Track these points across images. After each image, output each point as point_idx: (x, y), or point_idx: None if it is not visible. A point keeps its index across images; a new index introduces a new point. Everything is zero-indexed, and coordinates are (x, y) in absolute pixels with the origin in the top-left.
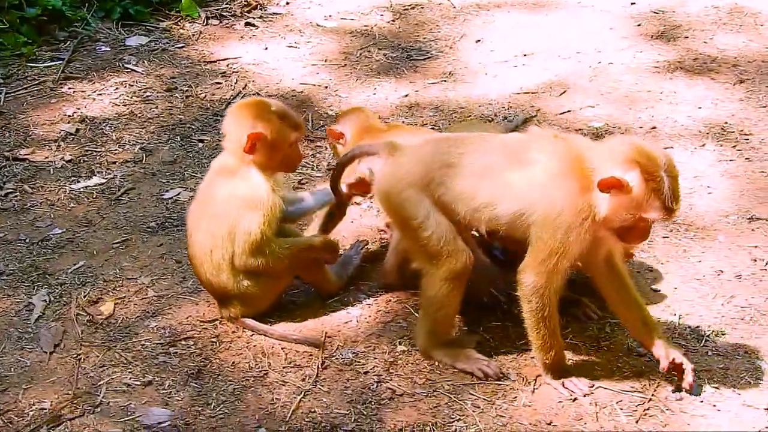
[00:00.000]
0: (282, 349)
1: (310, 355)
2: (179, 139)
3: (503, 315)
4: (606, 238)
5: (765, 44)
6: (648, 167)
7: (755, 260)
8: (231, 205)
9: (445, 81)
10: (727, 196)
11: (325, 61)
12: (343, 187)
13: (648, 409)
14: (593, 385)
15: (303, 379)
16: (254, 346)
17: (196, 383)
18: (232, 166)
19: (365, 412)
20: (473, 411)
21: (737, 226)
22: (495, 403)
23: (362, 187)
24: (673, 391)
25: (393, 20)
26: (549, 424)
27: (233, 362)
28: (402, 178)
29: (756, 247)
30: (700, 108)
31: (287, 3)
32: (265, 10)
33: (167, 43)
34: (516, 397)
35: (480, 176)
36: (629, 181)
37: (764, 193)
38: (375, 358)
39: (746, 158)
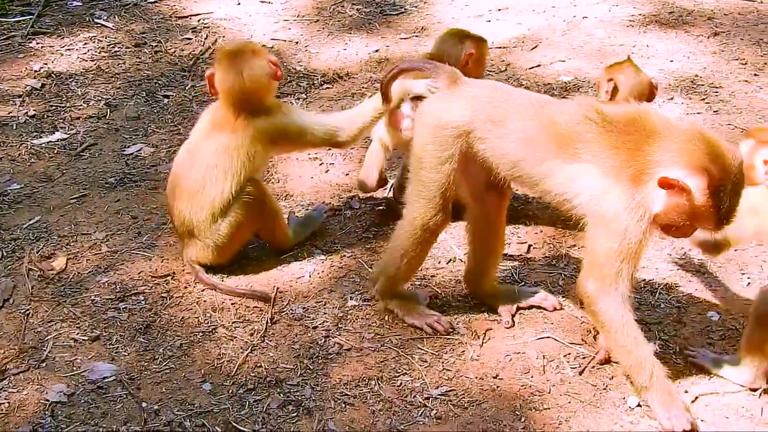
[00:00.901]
0: (232, 304)
1: (260, 310)
2: (145, 95)
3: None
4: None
5: None
6: (717, 179)
7: None
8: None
9: (417, 36)
10: None
11: (298, 16)
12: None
13: (593, 361)
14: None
15: (251, 334)
16: (204, 301)
17: (143, 338)
18: (226, 120)
19: (312, 367)
20: (420, 365)
21: None
22: (442, 357)
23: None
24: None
25: None
26: (495, 377)
27: (182, 318)
28: (446, 118)
29: None
30: (671, 61)
31: None
32: None
33: None
34: (464, 351)
35: (525, 148)
36: (692, 189)
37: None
38: (325, 314)
39: (714, 111)
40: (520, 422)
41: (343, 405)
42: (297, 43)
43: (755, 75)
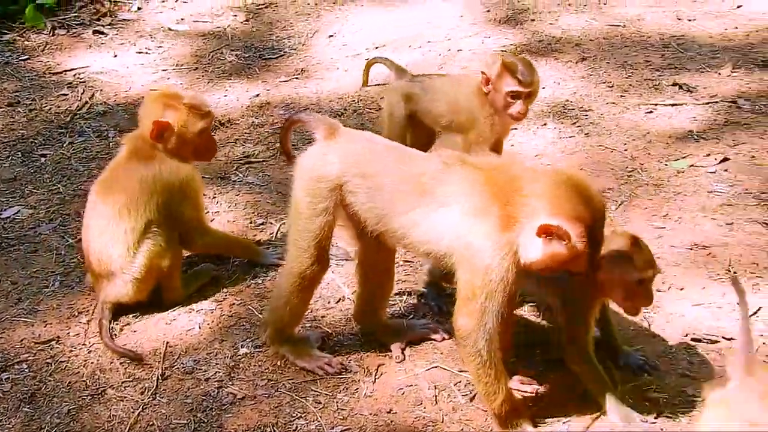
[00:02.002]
0: (121, 364)
1: (150, 367)
2: (20, 155)
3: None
4: None
5: (606, 22)
6: (590, 224)
7: None
8: (152, 188)
9: (297, 78)
10: None
11: (176, 65)
12: None
13: None
14: None
15: (142, 393)
16: (92, 363)
17: (28, 408)
18: (148, 151)
19: (205, 420)
20: (315, 407)
21: None
22: (336, 397)
23: None
24: None
25: (246, 20)
26: (389, 412)
27: (69, 382)
28: (321, 169)
29: None
30: (543, 88)
31: (138, 9)
32: (115, 17)
33: (10, 56)
34: (357, 389)
35: (390, 201)
36: (572, 237)
37: (600, 165)
38: (217, 364)
39: (585, 134)
40: None
41: None
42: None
43: (621, 96)
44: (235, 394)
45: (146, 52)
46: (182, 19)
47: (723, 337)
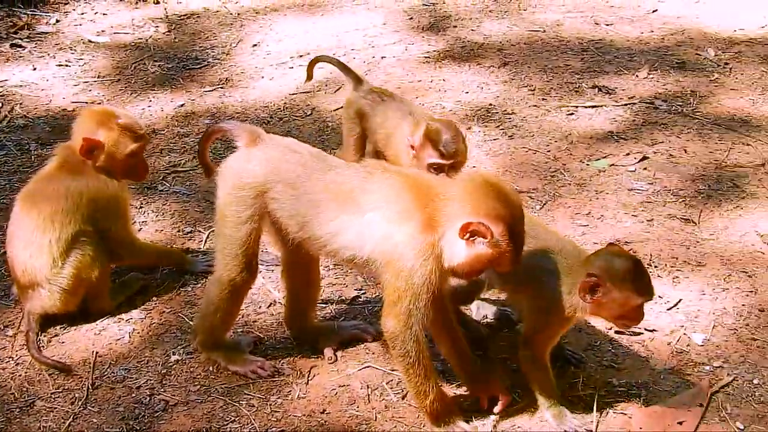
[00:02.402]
0: (50, 375)
1: (80, 377)
2: None
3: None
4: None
5: (527, 27)
6: (511, 222)
7: None
8: (78, 201)
9: (221, 87)
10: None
11: (98, 77)
12: None
13: None
14: None
15: (72, 403)
16: (19, 376)
17: None
18: (78, 164)
19: (137, 427)
20: (248, 411)
21: None
22: (269, 399)
23: None
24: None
25: (169, 31)
26: (323, 412)
27: None
28: (244, 176)
29: None
30: (467, 93)
31: (57, 21)
32: (33, 30)
33: None
34: (290, 391)
35: (312, 209)
36: (496, 236)
37: (525, 167)
38: (148, 372)
39: (509, 136)
40: None
41: None
42: (99, 104)
43: (543, 99)
44: (167, 400)
45: (66, 65)
46: (102, 31)
47: (645, 329)
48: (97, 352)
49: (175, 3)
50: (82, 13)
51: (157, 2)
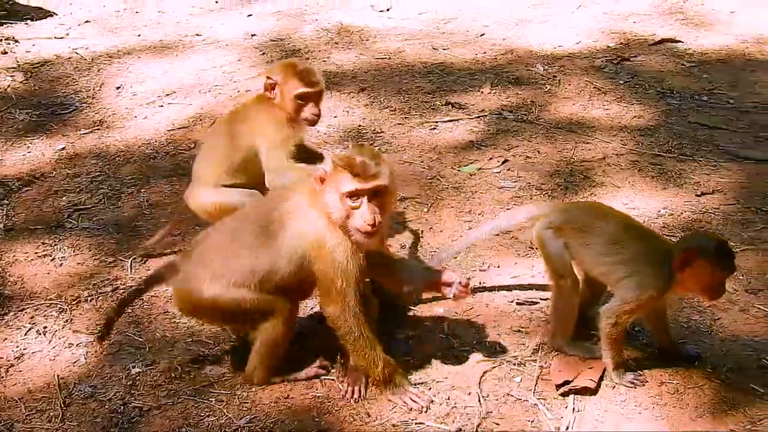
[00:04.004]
0: (19, 399)
1: (49, 398)
2: None
3: None
4: None
5: (373, 55)
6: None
7: (412, 231)
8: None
9: (98, 129)
10: None
11: None
12: None
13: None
14: (432, 400)
15: (50, 421)
16: None
17: None
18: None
19: None
20: (218, 405)
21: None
22: (236, 394)
23: None
24: None
25: (26, 79)
26: (287, 397)
27: None
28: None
29: (411, 220)
30: (335, 117)
31: None
32: None
33: None
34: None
35: (250, 250)
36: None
37: (404, 177)
38: (114, 386)
39: (384, 152)
40: (320, 426)
41: None
42: None
43: (405, 118)
44: (140, 407)
45: None
46: None
47: (540, 299)
48: (58, 375)
49: (24, 52)
50: None
51: (5, 52)
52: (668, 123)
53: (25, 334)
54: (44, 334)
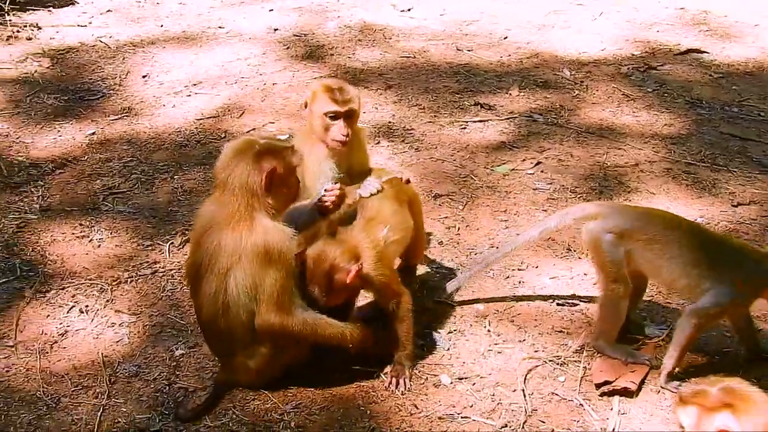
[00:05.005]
0: (64, 375)
1: (95, 376)
2: None
3: None
4: None
5: (398, 54)
6: None
7: (449, 228)
8: None
9: (126, 116)
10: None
11: None
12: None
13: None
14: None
15: (96, 397)
16: (33, 379)
17: None
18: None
19: (167, 412)
20: (265, 389)
21: (426, 204)
22: (282, 379)
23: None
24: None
25: (52, 65)
26: (333, 386)
27: (19, 397)
28: None
29: (447, 217)
30: (364, 113)
31: None
32: None
33: None
34: (301, 372)
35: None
36: None
37: (438, 174)
38: (158, 366)
39: (416, 149)
40: (366, 415)
41: None
42: (7, 135)
43: (435, 116)
44: (186, 387)
45: None
46: None
47: (581, 300)
48: (102, 353)
49: (48, 39)
50: None
51: (30, 38)
52: (699, 132)
53: (68, 312)
54: (86, 313)
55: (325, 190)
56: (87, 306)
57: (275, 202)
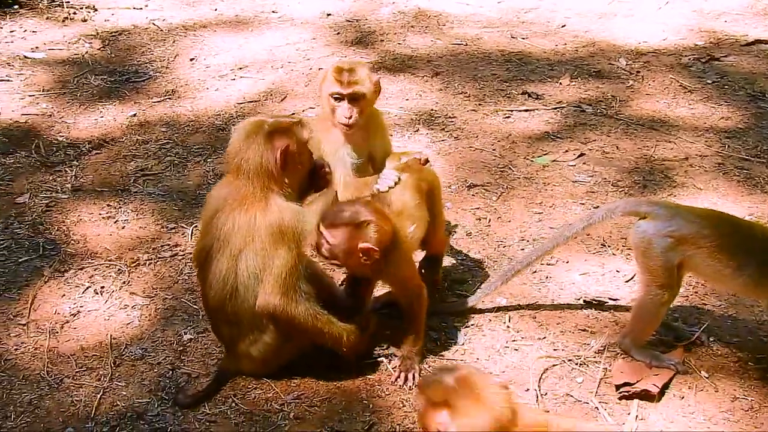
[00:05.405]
0: (70, 356)
1: (100, 357)
2: None
3: None
4: None
5: (449, 41)
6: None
7: (479, 219)
8: None
9: (169, 98)
10: (446, 170)
11: (43, 90)
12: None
13: None
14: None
15: (99, 379)
16: (40, 358)
17: None
18: None
19: (166, 397)
20: (268, 378)
21: (459, 194)
22: (285, 369)
23: None
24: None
25: (103, 47)
26: (336, 378)
27: (23, 376)
28: None
29: (479, 208)
30: (407, 99)
31: None
32: None
33: None
34: (310, 365)
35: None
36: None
37: (475, 163)
38: (164, 350)
39: (455, 137)
40: (368, 409)
41: (207, 424)
42: (50, 116)
43: (479, 104)
44: (189, 373)
45: (8, 80)
46: (37, 48)
47: (609, 298)
48: (111, 335)
49: (103, 21)
50: (12, 31)
51: (85, 20)
52: (758, 127)
53: (83, 293)
54: (101, 294)
55: None
56: (103, 287)
57: (291, 180)
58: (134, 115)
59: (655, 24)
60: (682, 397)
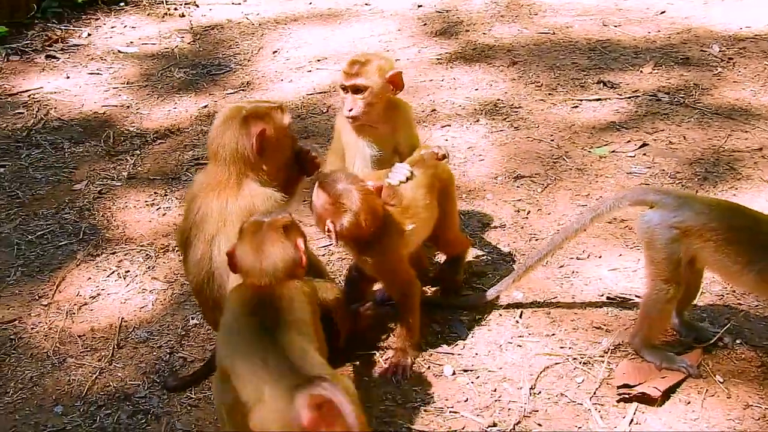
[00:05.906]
0: (79, 336)
1: (106, 339)
2: None
3: None
4: None
5: (537, 30)
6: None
7: (518, 211)
8: None
9: (243, 90)
10: (496, 161)
11: (127, 83)
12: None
13: None
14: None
15: (99, 360)
16: (52, 338)
17: None
18: None
19: (158, 381)
20: None
21: (504, 185)
22: None
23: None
24: None
25: (194, 41)
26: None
27: (31, 354)
28: None
29: (520, 200)
30: (476, 90)
31: (89, 35)
32: (67, 43)
33: None
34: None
35: None
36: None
37: (528, 154)
38: (168, 334)
39: (515, 128)
40: None
41: (189, 408)
42: (128, 107)
43: (549, 94)
44: (185, 357)
45: (98, 73)
46: (131, 43)
47: (636, 295)
48: (123, 318)
49: (200, 16)
50: (113, 27)
51: (183, 16)
52: None
53: (107, 276)
54: (124, 278)
55: None
56: (128, 271)
57: (269, 166)
58: (206, 106)
59: (763, 9)
60: (688, 402)
